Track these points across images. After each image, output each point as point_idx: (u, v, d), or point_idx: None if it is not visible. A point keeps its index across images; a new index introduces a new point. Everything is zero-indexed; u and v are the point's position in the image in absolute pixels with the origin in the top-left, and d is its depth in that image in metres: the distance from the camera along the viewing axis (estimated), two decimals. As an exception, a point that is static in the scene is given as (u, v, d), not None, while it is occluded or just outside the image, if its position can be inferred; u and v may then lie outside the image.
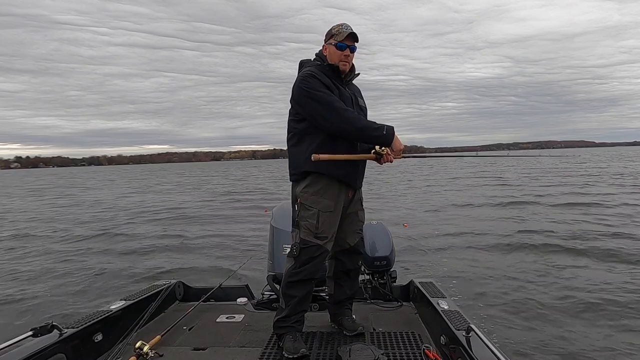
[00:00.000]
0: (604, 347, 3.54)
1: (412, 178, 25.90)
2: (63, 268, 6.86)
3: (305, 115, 2.24)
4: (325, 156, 2.15)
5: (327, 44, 2.31)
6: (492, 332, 3.74)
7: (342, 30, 2.26)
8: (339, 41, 2.25)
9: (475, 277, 5.56)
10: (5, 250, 8.65)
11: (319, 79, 2.22)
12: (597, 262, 6.11)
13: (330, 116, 2.15)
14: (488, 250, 7.06)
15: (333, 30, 2.29)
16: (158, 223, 11.74)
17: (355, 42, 2.29)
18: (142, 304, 2.73)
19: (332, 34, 2.29)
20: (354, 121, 2.16)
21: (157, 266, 6.87)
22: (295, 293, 2.27)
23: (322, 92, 2.18)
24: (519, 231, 8.54)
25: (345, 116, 2.15)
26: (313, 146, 2.21)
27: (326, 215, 2.26)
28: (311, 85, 2.19)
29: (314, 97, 2.17)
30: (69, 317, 4.35)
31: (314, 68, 2.29)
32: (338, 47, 2.26)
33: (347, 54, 2.27)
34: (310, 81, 2.20)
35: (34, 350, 1.92)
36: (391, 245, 3.17)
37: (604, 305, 4.38)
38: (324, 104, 2.15)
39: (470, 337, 1.95)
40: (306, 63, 2.39)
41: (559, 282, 5.19)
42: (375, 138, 2.19)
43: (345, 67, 2.30)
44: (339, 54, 2.27)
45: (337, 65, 2.29)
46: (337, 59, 2.28)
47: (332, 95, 2.20)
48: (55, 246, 8.86)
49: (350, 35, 2.26)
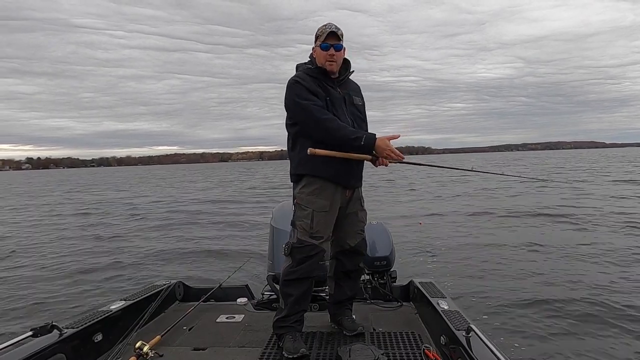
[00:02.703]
0: (604, 347, 3.53)
1: (414, 180, 25.86)
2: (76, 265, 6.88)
3: (295, 120, 2.29)
4: (321, 151, 2.16)
5: (315, 46, 2.32)
6: (492, 332, 3.74)
7: (324, 31, 2.26)
8: (322, 42, 2.26)
9: (475, 277, 5.55)
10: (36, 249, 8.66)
11: (304, 85, 2.23)
12: (601, 262, 6.10)
13: (312, 126, 2.20)
14: (488, 251, 7.05)
15: (317, 32, 2.30)
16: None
17: (339, 40, 2.27)
18: (142, 304, 2.72)
19: (317, 36, 2.30)
20: (333, 131, 2.16)
21: (157, 266, 6.87)
22: (291, 291, 2.28)
23: (305, 101, 2.20)
24: (520, 231, 8.55)
25: (325, 126, 2.16)
26: (305, 149, 2.21)
27: (321, 215, 2.26)
28: (296, 93, 2.23)
29: (297, 106, 2.22)
30: (69, 317, 4.35)
31: (301, 73, 2.32)
32: (322, 48, 2.26)
33: (331, 53, 2.26)
34: (294, 88, 2.24)
35: (34, 350, 1.92)
36: (391, 245, 3.17)
37: (606, 306, 4.36)
38: (306, 113, 2.19)
39: (470, 337, 1.95)
40: (300, 66, 2.40)
41: (559, 283, 5.19)
42: (355, 148, 2.19)
43: (332, 67, 2.29)
44: (324, 54, 2.27)
45: (325, 67, 2.29)
46: (323, 60, 2.28)
47: (315, 104, 2.20)
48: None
49: (331, 33, 2.25)
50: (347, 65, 2.39)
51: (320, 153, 2.15)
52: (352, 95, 2.40)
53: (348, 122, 2.28)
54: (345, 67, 2.38)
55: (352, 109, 2.36)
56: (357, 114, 2.38)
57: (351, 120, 2.32)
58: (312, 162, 2.22)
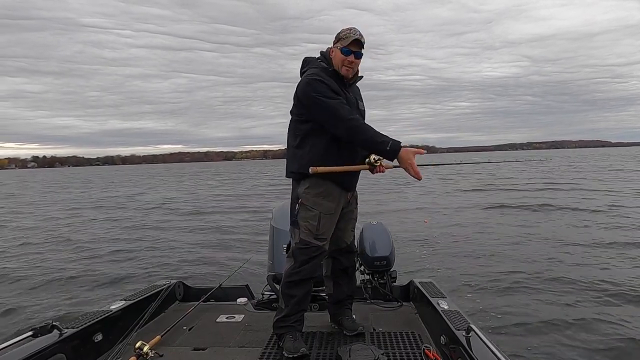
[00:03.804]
0: (604, 348, 3.53)
1: (411, 179, 25.77)
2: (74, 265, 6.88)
3: (310, 118, 2.23)
4: (323, 169, 2.14)
5: (334, 47, 2.29)
6: (492, 332, 3.74)
7: (349, 35, 2.22)
8: (344, 46, 2.23)
9: (475, 277, 5.55)
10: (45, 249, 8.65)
11: (328, 84, 2.19)
12: (602, 260, 6.10)
13: (337, 124, 2.14)
14: (488, 251, 7.05)
15: (341, 34, 2.25)
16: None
17: (361, 48, 2.25)
18: (142, 304, 2.73)
19: (339, 38, 2.26)
20: (361, 131, 2.12)
21: (157, 266, 6.87)
22: (295, 292, 2.28)
23: (331, 100, 2.15)
24: (520, 232, 8.55)
25: (353, 125, 2.12)
26: (316, 149, 2.20)
27: (327, 217, 2.27)
28: (320, 91, 2.16)
29: (322, 104, 2.15)
30: (69, 317, 4.35)
31: (320, 71, 2.26)
32: (343, 52, 2.23)
33: (351, 59, 2.24)
34: (318, 87, 2.17)
35: (34, 350, 1.92)
36: (391, 245, 3.17)
37: (608, 307, 4.37)
38: (332, 112, 2.13)
39: (470, 337, 1.95)
40: (311, 62, 2.36)
41: (560, 284, 5.18)
42: (378, 151, 2.15)
43: (348, 72, 2.27)
44: (342, 58, 2.24)
45: (339, 70, 2.27)
46: (339, 64, 2.25)
47: (341, 102, 2.17)
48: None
49: (355, 41, 2.22)
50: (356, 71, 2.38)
51: (322, 171, 2.14)
52: (357, 100, 2.40)
53: None
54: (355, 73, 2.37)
55: (357, 113, 2.33)
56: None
57: None
58: (322, 164, 2.16)
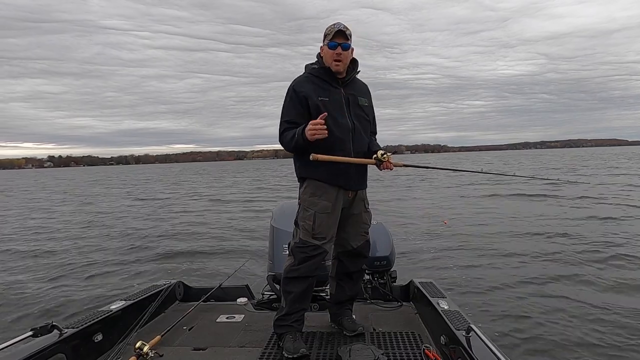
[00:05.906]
0: (606, 347, 3.53)
1: (424, 179, 25.83)
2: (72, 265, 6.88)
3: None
4: (322, 156, 2.15)
5: (323, 45, 2.30)
6: (492, 332, 3.74)
7: (332, 29, 2.24)
8: (329, 40, 2.24)
9: (475, 277, 5.55)
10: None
11: (297, 93, 2.26)
12: (604, 264, 6.08)
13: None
14: (488, 251, 7.05)
15: (326, 31, 2.27)
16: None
17: (347, 39, 2.24)
18: (142, 304, 2.73)
19: (325, 35, 2.28)
20: (285, 144, 2.28)
21: (157, 266, 6.87)
22: (292, 289, 2.29)
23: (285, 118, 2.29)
24: (521, 232, 8.54)
25: (281, 141, 2.30)
26: (305, 154, 2.20)
27: (323, 216, 2.26)
28: (284, 107, 2.31)
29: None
30: (69, 317, 4.36)
31: (301, 77, 2.34)
32: (330, 47, 2.24)
33: (338, 52, 2.23)
34: (285, 99, 2.31)
35: (34, 350, 1.92)
36: (391, 245, 3.17)
37: (607, 307, 4.36)
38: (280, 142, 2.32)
39: (470, 337, 1.95)
40: (308, 67, 2.39)
41: (561, 284, 5.19)
42: (301, 147, 2.21)
43: (338, 67, 2.27)
44: (331, 53, 2.25)
45: (330, 67, 2.27)
46: (330, 59, 2.26)
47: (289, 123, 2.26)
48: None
49: (338, 32, 2.22)
50: (354, 65, 2.37)
51: (322, 158, 2.14)
52: (357, 96, 2.37)
53: (347, 123, 2.28)
54: (352, 67, 2.36)
55: (356, 110, 2.34)
56: (361, 115, 2.36)
57: (354, 121, 2.31)
58: (310, 165, 2.20)
